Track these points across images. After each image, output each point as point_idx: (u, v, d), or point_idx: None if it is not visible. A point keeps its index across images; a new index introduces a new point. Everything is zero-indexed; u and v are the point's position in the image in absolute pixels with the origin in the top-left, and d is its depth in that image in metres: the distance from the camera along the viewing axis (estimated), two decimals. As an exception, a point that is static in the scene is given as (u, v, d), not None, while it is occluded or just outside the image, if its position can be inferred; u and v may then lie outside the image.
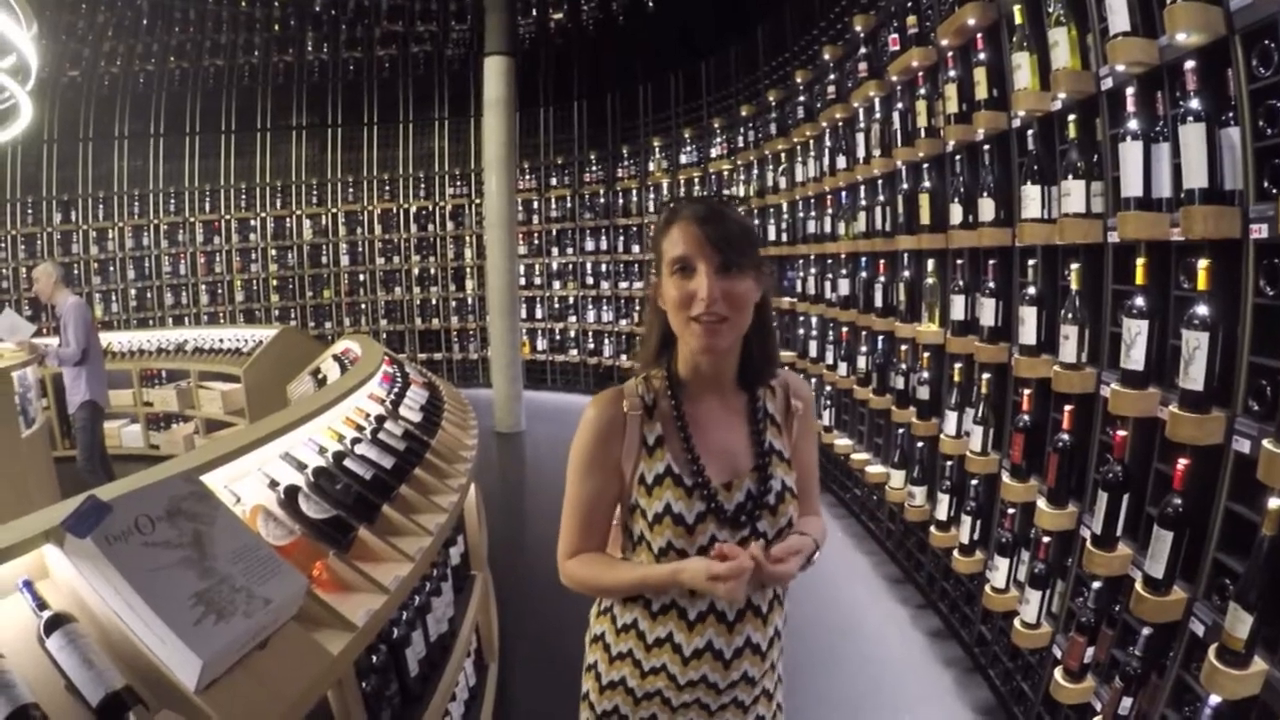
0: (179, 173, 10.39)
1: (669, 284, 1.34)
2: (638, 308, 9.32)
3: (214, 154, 10.48)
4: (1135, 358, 2.18)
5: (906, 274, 3.98)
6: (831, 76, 5.01)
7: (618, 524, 1.52)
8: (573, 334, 10.15)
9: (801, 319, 5.80)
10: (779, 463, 1.45)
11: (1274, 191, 1.76)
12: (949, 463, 3.53)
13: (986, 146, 3.10)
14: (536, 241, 10.31)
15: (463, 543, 3.09)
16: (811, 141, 5.50)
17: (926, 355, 3.77)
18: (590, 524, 1.45)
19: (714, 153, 8.05)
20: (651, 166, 9.15)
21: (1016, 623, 2.81)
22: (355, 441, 2.57)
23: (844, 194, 4.97)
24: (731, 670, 1.39)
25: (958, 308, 3.37)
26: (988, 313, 3.10)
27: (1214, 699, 1.82)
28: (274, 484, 2.04)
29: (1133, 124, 2.16)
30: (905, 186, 3.93)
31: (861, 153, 4.50)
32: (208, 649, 1.21)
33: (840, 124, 4.93)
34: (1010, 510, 2.97)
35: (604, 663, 1.48)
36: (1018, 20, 2.74)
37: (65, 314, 5.20)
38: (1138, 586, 2.10)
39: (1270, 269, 1.80)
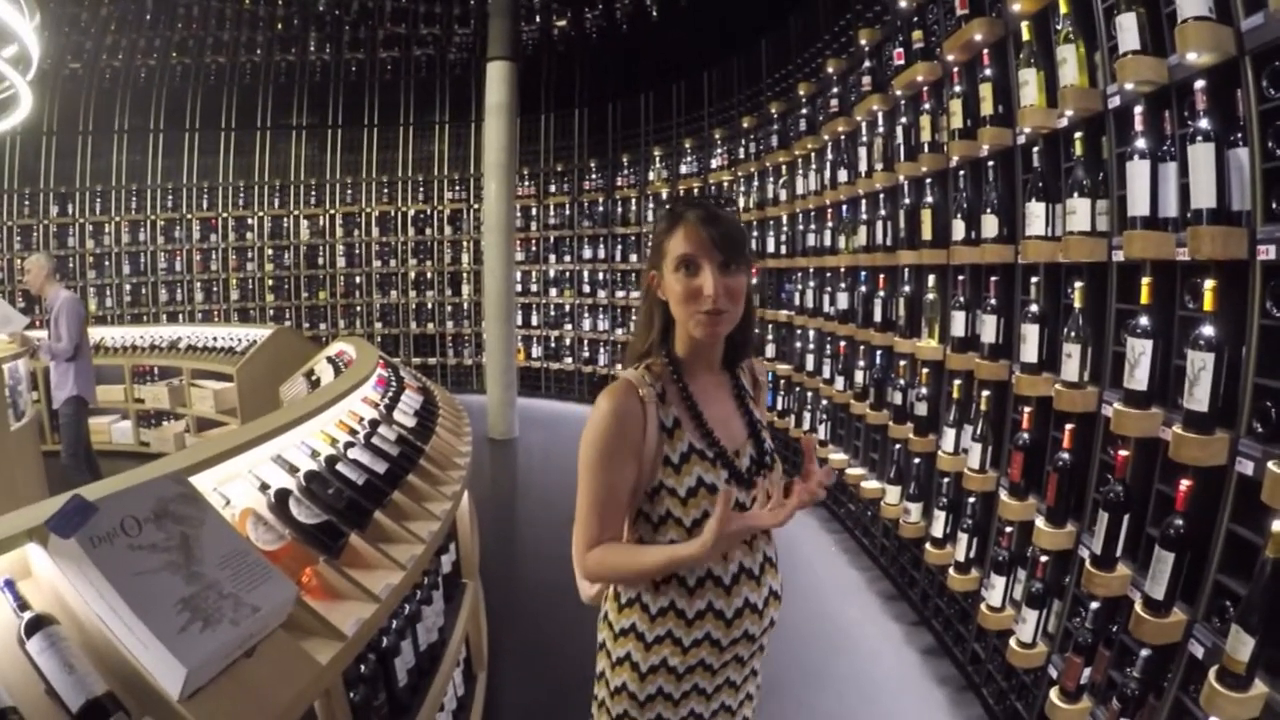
0: (177, 169, 10.33)
1: (673, 279, 1.47)
2: (634, 317, 9.28)
3: (213, 151, 10.42)
4: (1139, 377, 2.16)
5: (907, 289, 3.96)
6: (835, 90, 5.01)
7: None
8: (568, 342, 10.11)
9: (799, 332, 5.78)
10: (764, 429, 1.63)
11: (1283, 213, 1.75)
12: (946, 479, 3.51)
13: (991, 163, 3.10)
14: (534, 248, 10.28)
15: (454, 550, 3.06)
16: (813, 154, 5.49)
17: (925, 371, 3.75)
18: (609, 513, 1.50)
19: (714, 163, 8.04)
20: (651, 176, 9.13)
21: (1012, 642, 2.79)
22: (348, 445, 2.54)
23: (845, 207, 4.96)
24: (764, 618, 1.56)
25: (958, 324, 3.36)
26: (989, 329, 3.08)
27: (1213, 722, 1.79)
28: (265, 487, 2.00)
29: (1140, 143, 2.15)
30: (907, 201, 3.92)
31: (863, 167, 4.50)
32: (193, 657, 1.18)
33: (842, 137, 4.93)
34: (1008, 528, 2.95)
35: (639, 651, 1.53)
36: (1025, 37, 2.73)
37: (59, 309, 5.16)
38: (1137, 607, 2.08)
39: (1277, 290, 1.79)
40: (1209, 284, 1.92)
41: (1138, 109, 2.18)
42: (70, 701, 1.11)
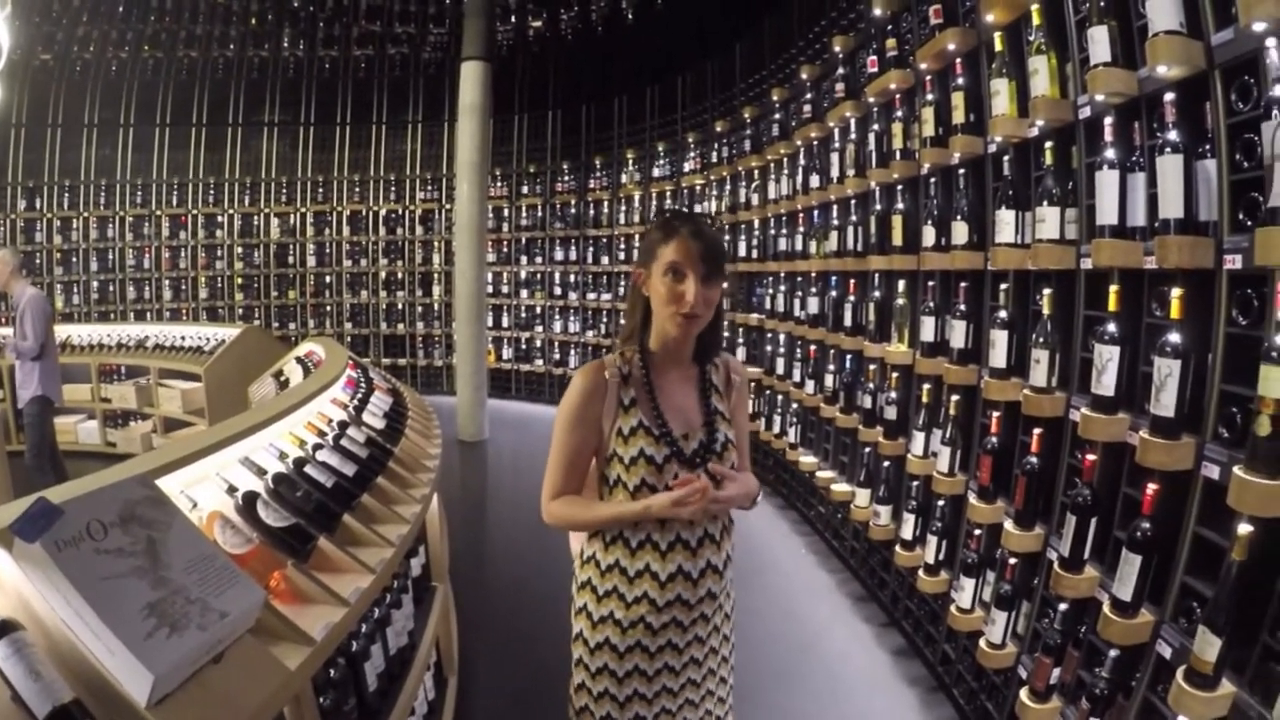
0: (147, 164, 10.13)
1: (660, 282, 1.70)
2: (605, 319, 9.30)
3: (184, 147, 10.25)
4: (1106, 383, 2.19)
5: (877, 294, 3.99)
6: (808, 96, 5.03)
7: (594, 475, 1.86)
8: (539, 344, 10.08)
9: (770, 336, 5.81)
10: (721, 421, 1.83)
11: (1248, 223, 1.78)
12: (915, 482, 3.54)
13: (961, 170, 3.13)
14: (506, 249, 10.23)
15: (424, 553, 3.03)
16: (785, 159, 5.53)
17: (895, 375, 3.78)
18: (572, 469, 1.79)
19: (687, 167, 8.04)
20: (624, 179, 9.12)
21: (982, 643, 2.82)
22: (317, 447, 2.50)
23: (816, 213, 4.99)
24: (699, 588, 1.76)
25: (928, 329, 3.39)
26: (958, 335, 3.12)
27: (1181, 721, 1.82)
28: (232, 489, 1.97)
29: (1110, 153, 2.19)
30: (878, 207, 3.95)
31: (835, 172, 4.53)
32: (160, 663, 1.15)
33: (815, 143, 4.96)
34: (977, 531, 2.99)
35: (593, 603, 1.79)
36: (998, 47, 2.77)
37: (25, 306, 5.06)
38: (1105, 609, 2.11)
39: (1243, 299, 1.82)
40: (1176, 292, 1.95)
41: (1108, 120, 2.21)
42: (36, 709, 1.08)
